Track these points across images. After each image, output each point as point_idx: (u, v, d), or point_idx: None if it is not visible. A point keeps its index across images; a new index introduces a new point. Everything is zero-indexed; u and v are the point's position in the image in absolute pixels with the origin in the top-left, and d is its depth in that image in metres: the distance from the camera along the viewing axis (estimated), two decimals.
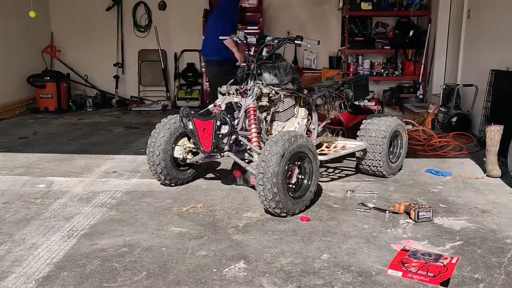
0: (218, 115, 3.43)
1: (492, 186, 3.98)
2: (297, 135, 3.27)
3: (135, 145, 5.55)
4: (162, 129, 3.75)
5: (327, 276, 2.46)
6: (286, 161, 3.14)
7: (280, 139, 3.16)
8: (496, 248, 2.79)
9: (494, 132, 4.30)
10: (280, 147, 3.11)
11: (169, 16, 8.69)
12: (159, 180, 3.86)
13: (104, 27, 8.81)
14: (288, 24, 8.57)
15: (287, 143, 3.15)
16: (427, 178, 4.20)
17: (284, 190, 3.14)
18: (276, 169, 3.07)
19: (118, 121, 7.40)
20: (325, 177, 4.18)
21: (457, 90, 6.16)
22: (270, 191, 3.07)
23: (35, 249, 2.78)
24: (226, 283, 2.39)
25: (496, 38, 5.58)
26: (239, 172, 3.81)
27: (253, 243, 2.85)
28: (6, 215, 3.31)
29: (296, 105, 4.02)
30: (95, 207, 3.48)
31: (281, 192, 3.11)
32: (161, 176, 3.80)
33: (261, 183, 3.10)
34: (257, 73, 3.74)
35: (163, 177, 3.81)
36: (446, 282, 2.38)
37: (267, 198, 3.11)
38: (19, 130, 6.52)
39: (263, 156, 3.12)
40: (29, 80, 7.93)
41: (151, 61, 8.82)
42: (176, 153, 3.79)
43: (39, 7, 7.75)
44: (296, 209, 3.27)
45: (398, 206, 3.30)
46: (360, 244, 2.84)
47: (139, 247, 2.81)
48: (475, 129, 5.86)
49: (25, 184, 4.03)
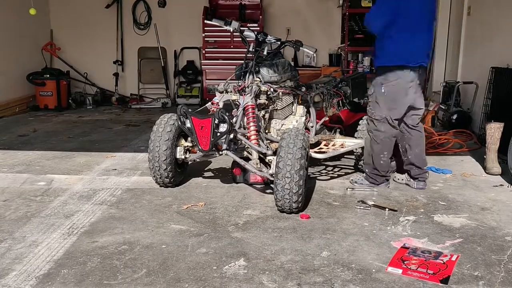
0: (216, 113, 3.41)
1: (492, 184, 3.98)
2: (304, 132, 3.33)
3: (135, 143, 5.55)
4: (163, 132, 3.64)
5: (327, 273, 2.46)
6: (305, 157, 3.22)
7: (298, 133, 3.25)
8: (496, 245, 2.79)
9: (494, 129, 4.30)
10: (301, 141, 3.17)
11: (169, 13, 8.67)
12: (163, 183, 3.77)
13: (103, 24, 8.80)
14: (288, 22, 8.56)
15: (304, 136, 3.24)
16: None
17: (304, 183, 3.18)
18: (303, 161, 3.12)
19: (118, 118, 7.39)
20: (324, 175, 4.18)
21: (457, 88, 6.15)
22: (297, 184, 3.09)
23: (36, 246, 2.78)
24: (226, 281, 2.39)
25: (496, 35, 5.58)
26: (239, 169, 3.80)
27: (253, 241, 2.85)
28: (6, 213, 3.31)
29: (294, 103, 4.02)
30: (95, 205, 3.48)
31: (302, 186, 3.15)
32: (166, 179, 3.72)
33: (288, 176, 3.08)
34: (255, 70, 3.73)
35: (168, 180, 3.73)
36: (446, 279, 2.38)
37: (291, 191, 3.09)
38: (19, 127, 6.52)
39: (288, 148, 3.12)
40: (28, 77, 7.92)
41: (151, 59, 8.82)
42: (178, 154, 3.74)
43: (39, 4, 7.73)
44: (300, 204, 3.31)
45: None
46: (360, 242, 2.84)
47: (139, 244, 2.81)
48: (475, 127, 5.86)
49: (25, 182, 4.03)
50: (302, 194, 3.16)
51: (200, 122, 3.47)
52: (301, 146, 3.14)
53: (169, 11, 8.64)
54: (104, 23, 8.80)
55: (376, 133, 3.67)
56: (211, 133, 3.43)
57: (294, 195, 3.11)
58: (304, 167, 3.15)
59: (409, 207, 3.42)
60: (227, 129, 3.41)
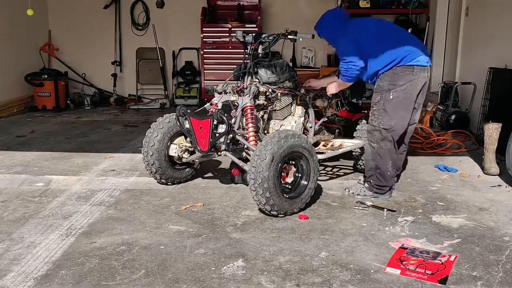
0: (215, 114, 3.41)
1: (490, 184, 3.98)
2: (288, 135, 3.20)
3: (133, 143, 5.55)
4: (156, 129, 3.73)
5: (326, 274, 2.46)
6: (277, 164, 3.09)
7: (270, 141, 3.11)
8: (494, 245, 2.80)
9: (492, 130, 4.31)
10: (268, 151, 3.07)
11: (167, 14, 8.66)
12: (156, 179, 3.86)
13: (102, 25, 8.78)
14: (286, 22, 8.54)
15: (276, 146, 3.09)
16: (425, 176, 4.20)
17: (277, 193, 3.10)
18: (266, 174, 3.03)
19: (116, 119, 7.38)
20: (323, 176, 4.18)
21: (455, 88, 6.16)
22: (262, 196, 3.06)
23: (34, 247, 2.77)
24: (225, 281, 2.39)
25: (494, 36, 5.58)
26: (237, 170, 3.80)
27: (251, 241, 2.85)
28: (4, 214, 3.31)
29: (293, 103, 4.02)
30: (93, 206, 3.47)
31: (274, 195, 3.09)
32: (157, 175, 3.80)
33: (253, 189, 3.09)
34: (253, 71, 3.73)
35: (159, 176, 3.81)
36: (444, 279, 2.38)
37: (261, 202, 3.11)
38: (17, 128, 6.51)
39: (253, 162, 3.09)
40: (26, 78, 7.90)
41: (149, 59, 8.80)
42: (171, 151, 3.78)
43: (37, 5, 7.72)
44: (294, 208, 3.25)
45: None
46: (358, 242, 2.84)
47: (138, 245, 2.81)
48: (473, 127, 5.86)
49: (23, 183, 4.03)
50: (276, 204, 3.10)
51: (198, 122, 3.48)
52: (265, 157, 3.03)
53: (167, 12, 8.64)
54: (102, 24, 8.78)
55: (383, 143, 3.48)
56: (209, 134, 3.43)
57: (265, 205, 3.10)
58: (269, 179, 3.03)
59: (407, 208, 3.42)
60: (226, 130, 3.41)
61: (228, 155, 3.53)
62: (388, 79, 3.45)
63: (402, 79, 3.41)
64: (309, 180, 3.35)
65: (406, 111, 3.48)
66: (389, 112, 3.43)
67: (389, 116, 3.43)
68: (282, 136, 3.16)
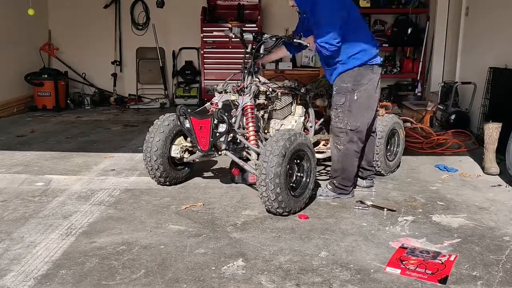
0: (215, 114, 3.41)
1: (490, 184, 3.98)
2: (297, 133, 3.26)
3: (133, 143, 5.55)
4: (157, 133, 3.68)
5: (326, 273, 2.46)
6: (288, 160, 3.13)
7: (281, 138, 3.14)
8: (494, 245, 2.80)
9: (492, 129, 4.31)
10: (281, 147, 3.09)
11: (167, 13, 8.66)
12: (159, 182, 3.84)
13: (102, 25, 8.78)
14: (286, 22, 8.53)
15: (288, 142, 3.13)
16: (425, 176, 4.21)
17: (286, 190, 3.13)
18: (279, 169, 3.05)
19: (116, 119, 7.39)
20: (323, 175, 4.18)
21: (455, 88, 6.16)
22: (273, 191, 3.06)
23: (34, 247, 2.77)
24: (225, 281, 2.39)
25: (494, 36, 5.59)
26: (237, 170, 3.80)
27: (251, 241, 2.85)
28: (4, 213, 3.31)
29: (293, 103, 4.02)
30: (93, 205, 3.47)
31: (284, 192, 3.10)
32: (161, 179, 3.78)
33: (263, 184, 3.07)
34: (254, 70, 3.73)
35: (163, 179, 3.78)
36: (444, 279, 2.38)
37: (269, 198, 3.09)
38: (17, 128, 6.51)
39: (264, 157, 3.09)
40: (26, 78, 7.90)
41: (149, 59, 8.81)
42: (172, 153, 3.77)
43: (37, 5, 7.72)
44: (297, 207, 3.27)
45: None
46: (358, 242, 2.84)
47: (138, 245, 2.80)
48: (473, 127, 5.87)
49: (23, 182, 4.03)
50: (284, 200, 3.11)
51: (199, 122, 3.47)
52: (278, 153, 3.06)
53: (167, 11, 8.63)
54: (102, 24, 8.78)
55: (349, 145, 3.45)
56: (210, 133, 3.43)
57: (273, 202, 3.10)
58: (281, 174, 3.05)
59: (407, 207, 3.42)
60: (226, 129, 3.41)
61: (228, 154, 3.53)
62: (352, 80, 3.40)
63: (365, 78, 3.40)
64: (309, 179, 3.37)
65: (370, 110, 3.49)
66: (354, 113, 3.40)
67: (354, 117, 3.40)
68: (292, 134, 3.21)
